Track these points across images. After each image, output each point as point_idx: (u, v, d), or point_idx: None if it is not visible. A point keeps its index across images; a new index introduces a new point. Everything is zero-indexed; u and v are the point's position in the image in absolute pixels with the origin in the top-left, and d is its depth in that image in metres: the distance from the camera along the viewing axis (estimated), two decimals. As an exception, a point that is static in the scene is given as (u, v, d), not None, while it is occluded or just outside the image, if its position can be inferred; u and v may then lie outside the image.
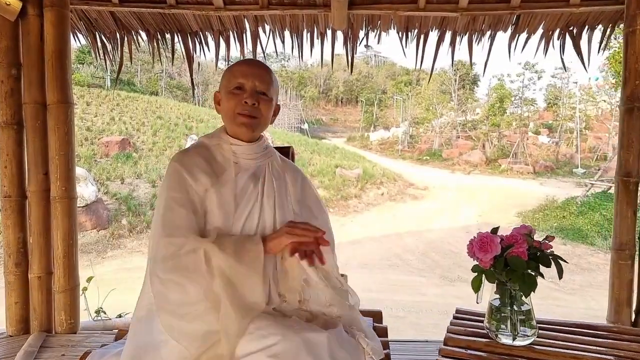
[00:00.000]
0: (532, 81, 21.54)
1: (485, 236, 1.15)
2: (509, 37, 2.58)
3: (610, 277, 2.10)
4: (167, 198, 1.10)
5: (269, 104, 1.18)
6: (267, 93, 1.18)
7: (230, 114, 1.17)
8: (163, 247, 1.05)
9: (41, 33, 2.02)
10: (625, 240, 2.05)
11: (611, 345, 1.24)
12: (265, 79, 1.17)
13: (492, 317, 1.24)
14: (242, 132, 1.17)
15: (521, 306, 1.20)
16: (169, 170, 1.15)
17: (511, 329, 1.20)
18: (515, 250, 1.13)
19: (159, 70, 25.96)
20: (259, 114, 1.16)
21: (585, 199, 11.66)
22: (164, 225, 1.07)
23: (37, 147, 2.03)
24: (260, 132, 1.22)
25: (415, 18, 2.50)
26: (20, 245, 2.04)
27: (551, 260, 1.15)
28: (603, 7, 2.31)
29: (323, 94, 37.80)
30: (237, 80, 1.16)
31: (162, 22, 2.53)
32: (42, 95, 2.02)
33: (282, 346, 0.92)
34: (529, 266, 1.14)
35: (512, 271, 1.14)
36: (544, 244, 1.17)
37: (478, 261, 1.17)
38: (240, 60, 1.25)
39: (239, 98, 1.15)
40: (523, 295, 1.18)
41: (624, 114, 2.09)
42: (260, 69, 1.19)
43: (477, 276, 1.18)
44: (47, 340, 1.98)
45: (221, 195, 1.11)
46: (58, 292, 2.06)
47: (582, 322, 1.36)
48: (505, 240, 1.17)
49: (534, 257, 1.15)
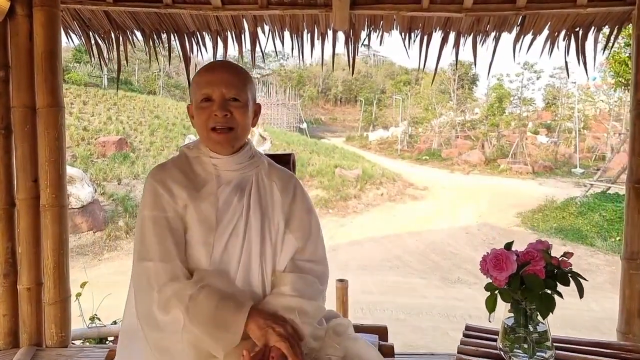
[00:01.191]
0: (531, 81, 21.59)
1: (501, 253, 1.08)
2: (514, 38, 2.52)
3: (620, 287, 2.04)
4: (143, 217, 1.04)
5: (244, 110, 1.08)
6: (239, 98, 1.07)
7: (203, 130, 1.08)
8: (137, 275, 1.02)
9: (30, 34, 1.93)
10: (637, 249, 1.98)
11: (631, 367, 1.17)
12: (233, 82, 1.07)
13: (505, 337, 1.17)
14: (219, 149, 1.09)
15: (537, 326, 1.13)
16: (145, 186, 1.08)
17: (527, 350, 1.13)
18: (532, 268, 1.06)
19: (157, 70, 25.85)
20: (234, 123, 1.07)
21: (584, 200, 11.63)
22: (140, 247, 1.03)
23: (26, 153, 1.94)
24: (240, 142, 1.12)
25: (418, 18, 2.43)
26: (9, 256, 1.96)
27: (570, 278, 1.08)
28: (611, 8, 2.25)
29: (322, 94, 37.76)
30: (203, 91, 1.06)
31: (158, 22, 2.46)
32: (31, 98, 1.94)
33: None
34: (547, 285, 1.07)
35: (529, 290, 1.07)
36: (563, 261, 1.10)
37: (492, 279, 1.10)
38: (203, 67, 1.13)
39: (208, 111, 1.05)
40: (539, 315, 1.11)
41: (634, 118, 2.03)
42: (225, 73, 1.08)
43: (491, 295, 1.11)
44: (37, 354, 1.91)
45: (201, 211, 1.04)
46: (48, 304, 1.98)
47: (597, 340, 1.30)
48: (521, 257, 1.09)
49: (552, 275, 1.08)
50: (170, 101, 21.37)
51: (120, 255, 8.35)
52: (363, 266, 8.01)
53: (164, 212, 1.03)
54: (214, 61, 1.30)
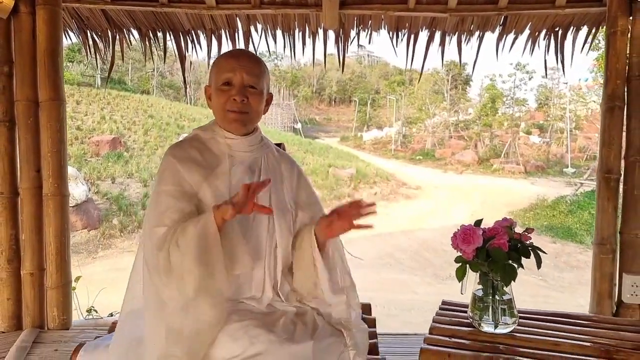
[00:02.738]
0: (523, 81, 21.76)
1: (468, 228, 1.19)
2: (497, 37, 2.64)
3: (592, 270, 2.17)
4: (159, 192, 1.11)
5: (259, 97, 1.17)
6: (257, 86, 1.16)
7: (220, 111, 1.17)
8: (149, 238, 1.06)
9: (33, 31, 2.03)
10: (607, 235, 2.11)
11: (589, 332, 1.29)
12: (254, 71, 1.15)
13: (475, 306, 1.28)
14: (234, 128, 1.17)
15: (503, 296, 1.25)
16: (163, 162, 1.15)
17: (493, 317, 1.24)
18: (496, 242, 1.18)
19: (151, 69, 25.79)
20: (249, 108, 1.15)
21: (574, 198, 11.83)
22: (153, 215, 1.09)
23: (29, 145, 2.04)
24: (253, 125, 1.21)
25: (405, 18, 2.54)
26: (13, 242, 2.05)
27: (530, 251, 1.20)
28: (587, 9, 2.37)
29: (316, 94, 37.78)
30: (225, 75, 1.14)
31: (154, 21, 2.55)
32: (34, 92, 2.04)
33: (269, 357, 0.96)
34: (510, 257, 1.18)
35: (494, 262, 1.18)
36: (524, 235, 1.21)
37: (461, 252, 1.22)
38: (227, 52, 1.23)
39: (227, 94, 1.14)
40: (504, 285, 1.22)
41: (605, 112, 2.15)
42: (248, 61, 1.16)
43: (461, 266, 1.22)
44: (40, 336, 2.00)
45: (215, 188, 1.12)
46: (50, 289, 2.08)
47: (562, 312, 1.41)
48: (487, 232, 1.21)
49: (515, 248, 1.20)
50: (164, 101, 21.34)
51: (114, 254, 8.39)
52: (356, 264, 8.08)
53: (180, 186, 1.10)
54: (236, 49, 1.39)
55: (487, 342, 1.21)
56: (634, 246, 2.09)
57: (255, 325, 1.01)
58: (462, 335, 1.25)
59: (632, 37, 2.11)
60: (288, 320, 1.06)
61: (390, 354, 1.81)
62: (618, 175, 2.11)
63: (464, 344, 1.21)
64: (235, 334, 0.99)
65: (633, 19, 2.12)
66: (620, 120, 2.11)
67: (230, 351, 0.97)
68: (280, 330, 1.02)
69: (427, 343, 1.22)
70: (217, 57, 1.24)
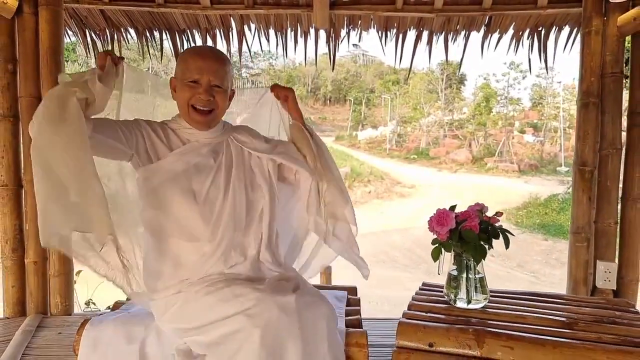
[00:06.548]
0: (517, 81, 21.98)
1: (443, 212, 1.31)
2: (482, 36, 2.75)
3: (568, 258, 2.28)
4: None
5: (224, 95, 1.26)
6: (222, 85, 1.24)
7: (184, 106, 1.24)
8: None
9: (36, 30, 2.12)
10: (582, 224, 2.23)
11: (554, 308, 1.40)
12: (220, 73, 1.22)
13: (450, 285, 1.39)
14: (197, 127, 1.27)
15: (475, 274, 1.36)
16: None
17: (466, 294, 1.36)
18: (468, 224, 1.29)
19: (146, 69, 25.79)
20: (214, 105, 1.24)
21: (566, 196, 11.99)
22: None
23: (32, 139, 2.13)
24: (217, 122, 1.30)
25: (393, 18, 2.64)
26: (17, 232, 2.15)
27: (499, 232, 1.31)
28: (567, 10, 2.48)
29: (311, 93, 37.83)
30: (192, 74, 1.21)
31: (150, 20, 2.64)
32: (37, 89, 2.13)
33: (258, 308, 1.06)
34: (481, 238, 1.29)
35: (466, 243, 1.29)
36: (493, 218, 1.33)
37: (437, 234, 1.33)
38: (195, 51, 1.31)
39: (194, 91, 1.22)
40: (476, 264, 1.33)
41: (580, 108, 2.27)
42: (214, 63, 1.22)
43: (437, 247, 1.34)
44: (44, 321, 2.09)
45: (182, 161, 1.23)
46: (53, 277, 2.17)
47: (531, 291, 1.53)
48: (460, 215, 1.32)
49: (485, 230, 1.31)
50: (158, 100, 21.32)
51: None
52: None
53: (128, 124, 1.24)
54: (203, 46, 1.47)
55: (460, 317, 1.32)
56: (607, 235, 2.21)
57: (243, 286, 1.12)
58: (437, 311, 1.36)
59: (606, 36, 2.22)
60: (272, 280, 1.17)
61: (373, 337, 1.91)
62: (593, 167, 2.23)
63: (439, 318, 1.31)
64: (225, 297, 1.11)
65: (607, 19, 2.23)
66: (594, 115, 2.22)
67: (224, 312, 1.08)
68: (265, 286, 1.13)
69: (405, 318, 1.33)
70: (185, 52, 1.32)
